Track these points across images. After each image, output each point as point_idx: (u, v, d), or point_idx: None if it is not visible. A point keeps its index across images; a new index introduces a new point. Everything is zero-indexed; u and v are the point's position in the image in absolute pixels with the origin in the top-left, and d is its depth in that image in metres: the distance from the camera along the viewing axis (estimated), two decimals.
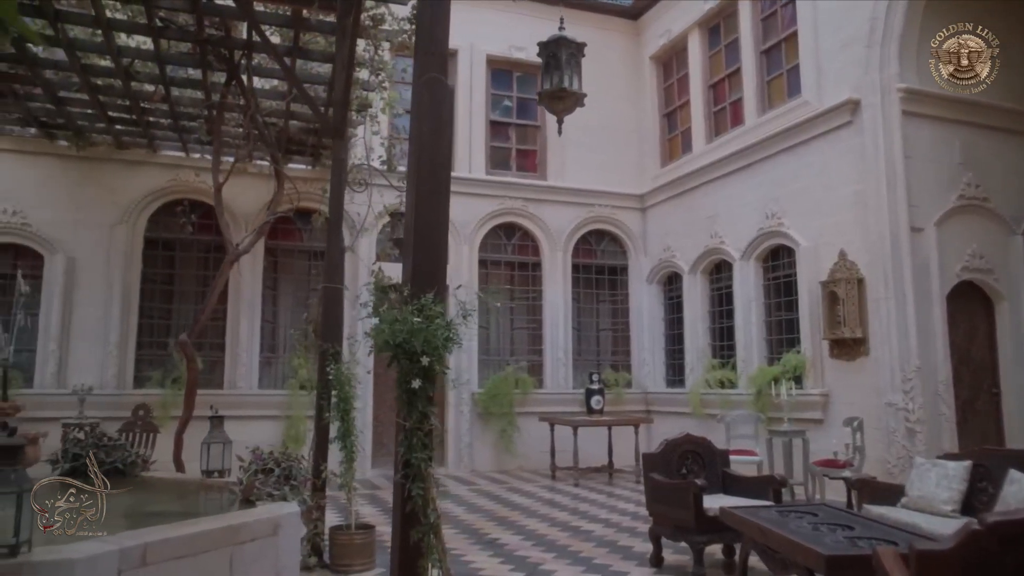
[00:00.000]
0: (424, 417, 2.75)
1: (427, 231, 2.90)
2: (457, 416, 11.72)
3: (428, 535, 2.72)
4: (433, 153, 2.90)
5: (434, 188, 2.91)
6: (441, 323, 2.73)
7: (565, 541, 6.85)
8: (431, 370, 2.76)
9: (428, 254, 2.93)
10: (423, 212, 2.90)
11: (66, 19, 6.92)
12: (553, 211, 12.74)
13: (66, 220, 10.22)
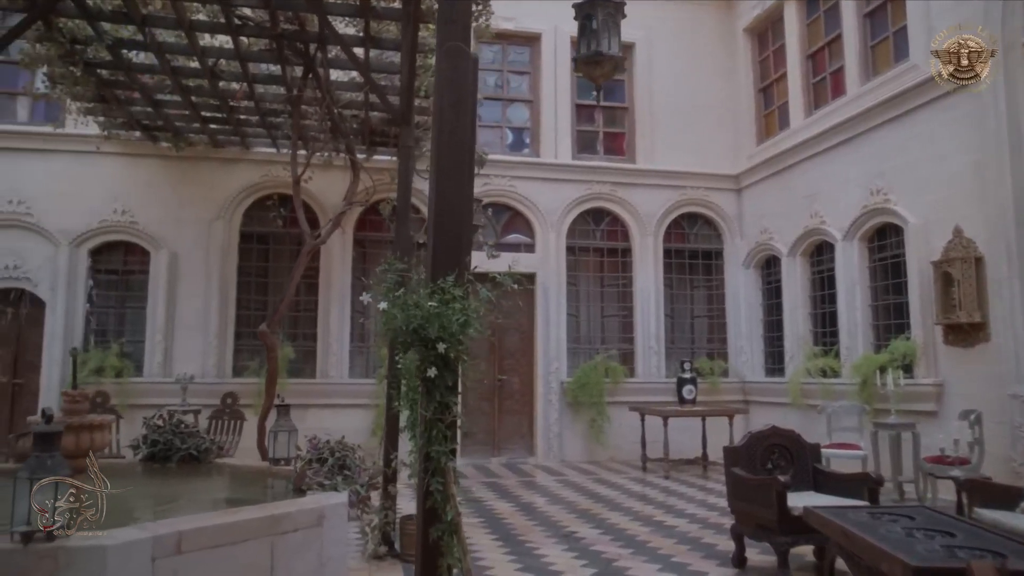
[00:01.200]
0: (444, 408, 2.60)
1: (448, 210, 2.74)
2: (546, 406, 11.57)
3: (448, 534, 2.57)
4: (454, 128, 2.74)
5: (455, 165, 2.75)
6: (458, 307, 2.56)
7: (645, 536, 6.57)
8: (449, 357, 2.59)
9: (449, 235, 2.77)
10: (443, 191, 2.74)
11: (152, 23, 7.20)
12: (643, 195, 12.32)
13: (168, 217, 10.75)
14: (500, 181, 11.88)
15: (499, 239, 11.95)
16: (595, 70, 2.93)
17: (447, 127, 2.75)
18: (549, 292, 11.79)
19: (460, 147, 2.75)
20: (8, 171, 10.34)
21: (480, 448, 11.54)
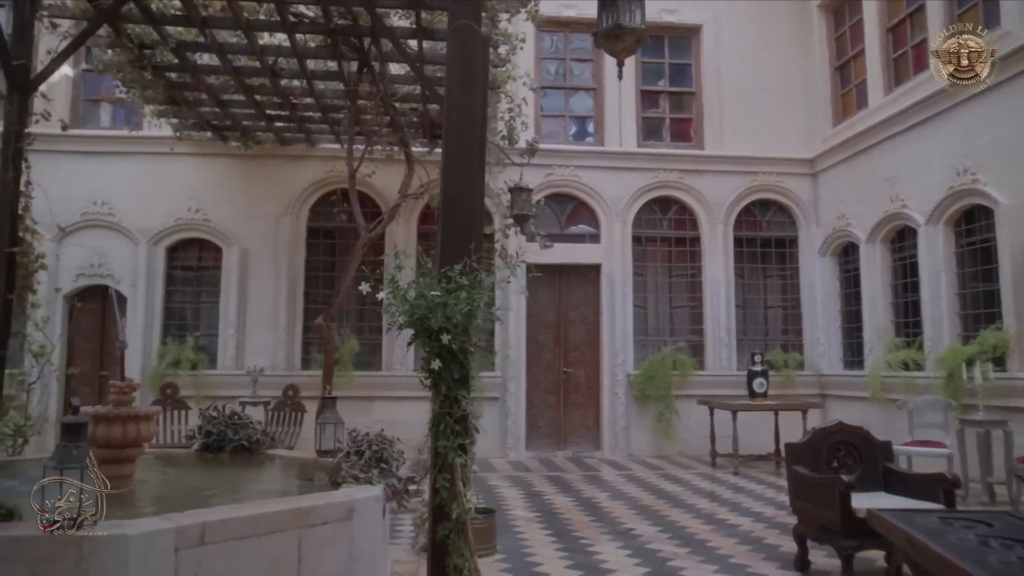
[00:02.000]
0: (452, 401, 2.49)
1: (457, 196, 2.64)
2: (612, 399, 11.36)
3: (454, 532, 2.47)
4: (463, 110, 2.63)
5: (464, 149, 2.63)
6: (463, 296, 2.44)
7: (705, 535, 6.33)
8: (456, 349, 2.49)
9: (458, 222, 2.66)
10: (452, 176, 2.64)
11: (212, 24, 7.37)
12: (712, 182, 11.91)
13: (239, 214, 11.07)
14: (563, 171, 11.71)
15: (563, 230, 11.82)
16: (616, 44, 2.75)
17: (455, 109, 2.65)
18: (615, 283, 11.55)
19: (469, 130, 2.64)
20: (93, 174, 10.86)
21: (546, 441, 11.44)
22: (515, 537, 6.29)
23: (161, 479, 4.65)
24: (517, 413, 11.21)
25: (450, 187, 2.64)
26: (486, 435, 11.06)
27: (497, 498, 8.04)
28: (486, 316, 2.62)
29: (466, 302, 2.40)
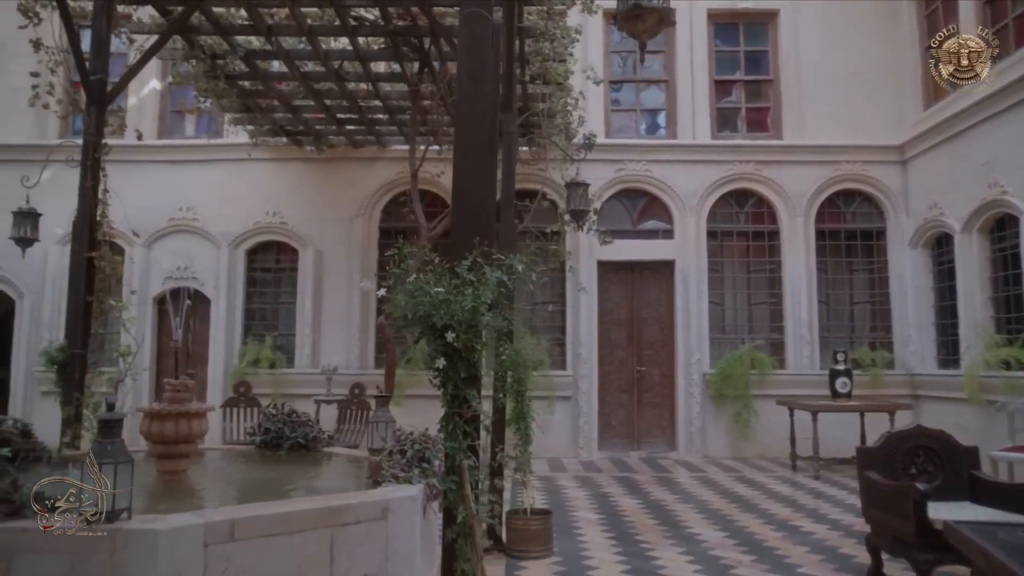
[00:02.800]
0: (461, 401, 2.41)
1: (467, 190, 2.56)
2: (687, 398, 11.04)
3: (461, 536, 2.39)
4: (474, 100, 2.54)
5: (475, 141, 2.55)
6: (468, 292, 2.35)
7: (775, 542, 6.03)
8: (463, 348, 2.40)
9: (469, 215, 2.58)
10: (463, 169, 2.56)
11: (278, 32, 7.57)
12: (791, 172, 11.39)
13: (314, 217, 11.36)
14: (635, 166, 11.47)
15: (635, 226, 11.58)
16: (637, 25, 2.60)
17: (466, 101, 2.57)
18: (689, 280, 11.21)
19: (479, 122, 2.56)
20: (179, 181, 11.39)
21: (619, 441, 11.23)
22: (575, 539, 6.17)
23: (214, 474, 4.78)
24: (589, 412, 11.05)
25: (461, 180, 2.58)
26: (557, 435, 10.99)
27: (563, 499, 7.93)
28: (501, 314, 2.52)
29: (471, 299, 2.32)
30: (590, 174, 11.31)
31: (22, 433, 4.72)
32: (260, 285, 11.66)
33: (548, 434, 11.01)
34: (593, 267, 11.30)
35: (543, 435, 10.94)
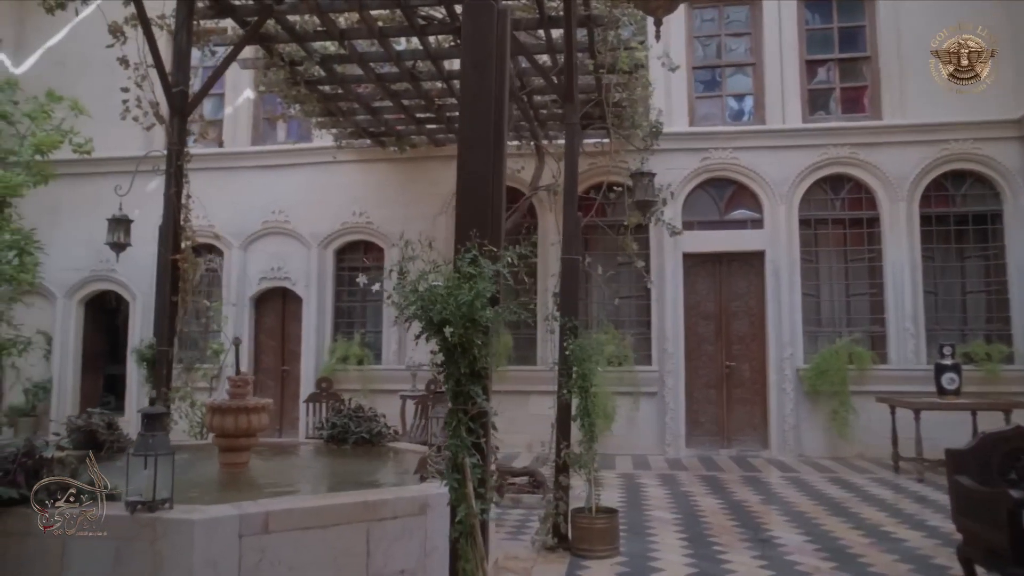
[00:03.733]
0: (465, 398, 2.36)
1: (472, 182, 2.50)
2: (779, 395, 10.55)
3: (463, 536, 2.33)
4: (477, 92, 2.48)
5: (479, 133, 2.49)
6: (466, 286, 2.29)
7: (862, 549, 5.65)
8: (462, 343, 2.34)
9: (474, 208, 2.52)
10: (467, 160, 2.50)
11: (350, 36, 7.75)
12: (892, 155, 10.67)
13: (398, 216, 11.58)
14: (720, 154, 11.06)
15: (722, 216, 11.18)
16: (650, 2, 2.45)
17: (469, 92, 2.52)
18: (780, 271, 10.71)
19: (483, 114, 2.49)
20: (272, 185, 11.90)
21: (708, 439, 10.87)
22: (645, 539, 6.01)
23: (273, 467, 4.94)
24: (676, 409, 10.76)
25: (465, 173, 2.52)
26: (643, 431, 10.78)
27: (641, 497, 7.75)
28: (508, 308, 2.45)
29: (468, 292, 2.26)
30: (674, 164, 11.04)
31: (107, 425, 5.04)
32: (349, 284, 12.01)
33: (633, 431, 10.85)
34: (678, 259, 10.99)
35: (628, 432, 10.84)
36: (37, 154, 8.39)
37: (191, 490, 4.41)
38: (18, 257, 7.87)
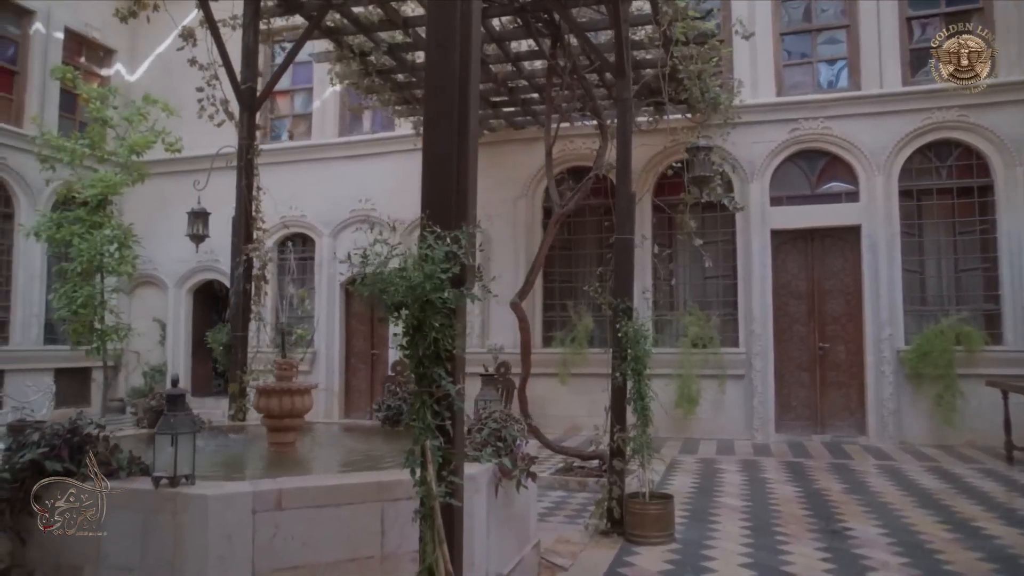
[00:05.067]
0: (428, 380, 2.34)
1: (435, 162, 2.47)
2: (877, 378, 9.92)
3: (425, 519, 2.33)
4: (441, 70, 2.43)
5: (442, 112, 2.44)
6: (417, 268, 2.26)
7: (942, 545, 5.25)
8: (419, 325, 2.32)
9: (437, 189, 2.49)
10: (431, 141, 2.47)
11: (413, 23, 7.85)
12: (1008, 115, 9.73)
13: (480, 199, 11.62)
14: (811, 124, 10.46)
15: (813, 190, 10.60)
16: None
17: (433, 69, 2.47)
18: (878, 246, 10.03)
19: (448, 93, 2.45)
20: (359, 175, 12.29)
21: (800, 424, 10.39)
22: (705, 526, 5.83)
23: (318, 447, 5.11)
24: (764, 392, 10.33)
25: (429, 152, 2.50)
26: (729, 416, 10.44)
27: (715, 483, 7.52)
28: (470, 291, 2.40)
29: (421, 273, 2.24)
30: (760, 137, 10.57)
31: None
32: None
33: (720, 415, 10.53)
34: (766, 237, 10.51)
35: (714, 416, 10.53)
36: (133, 154, 9.04)
37: (236, 467, 4.67)
38: (118, 251, 8.53)
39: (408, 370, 2.38)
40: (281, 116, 13.28)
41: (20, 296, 11.41)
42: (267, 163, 12.57)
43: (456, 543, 2.55)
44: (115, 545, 3.25)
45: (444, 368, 2.34)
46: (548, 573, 4.73)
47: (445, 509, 2.41)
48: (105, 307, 8.31)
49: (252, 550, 3.19)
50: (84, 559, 3.26)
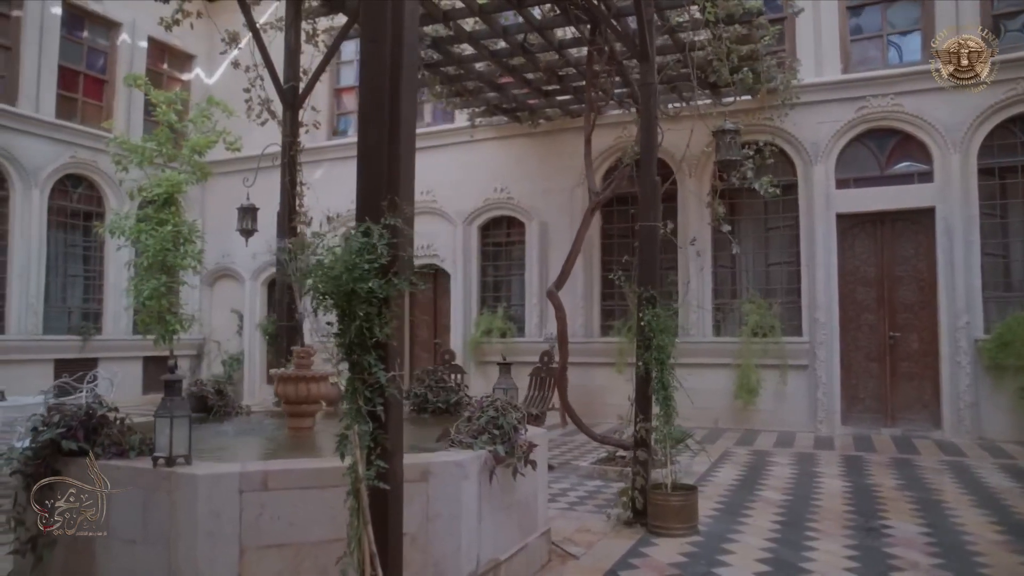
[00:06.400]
0: (361, 368, 2.39)
1: (367, 155, 2.50)
2: (953, 369, 9.35)
3: (352, 508, 2.39)
4: (374, 66, 2.46)
5: (375, 104, 2.48)
6: (338, 257, 2.31)
7: (987, 547, 4.93)
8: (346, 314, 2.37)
9: (370, 182, 2.53)
10: (363, 135, 2.51)
11: (453, 16, 7.94)
12: None
13: (536, 189, 11.71)
14: (880, 101, 9.92)
15: (883, 171, 10.07)
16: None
17: (365, 65, 2.52)
18: (954, 229, 9.43)
19: (378, 88, 2.49)
20: (420, 167, 12.30)
21: (869, 417, 9.93)
22: (736, 520, 5.69)
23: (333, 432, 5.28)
24: (829, 383, 9.93)
25: (362, 147, 2.55)
26: (792, 407, 10.10)
27: (761, 476, 7.31)
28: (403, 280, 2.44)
29: (340, 264, 2.29)
30: (824, 117, 10.15)
31: (217, 392, 5.70)
32: (493, 259, 12.37)
33: (782, 406, 10.20)
34: (831, 221, 10.07)
35: (776, 407, 10.20)
36: (195, 154, 9.57)
37: (247, 449, 4.89)
38: (183, 246, 9.09)
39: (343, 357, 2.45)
40: (346, 112, 13.67)
41: (111, 289, 12.31)
42: (333, 158, 13.13)
43: (392, 525, 2.62)
44: (121, 519, 3.50)
45: (374, 355, 2.41)
46: (559, 561, 4.75)
47: (378, 492, 2.48)
48: (171, 299, 8.87)
49: (239, 527, 3.37)
50: (96, 530, 3.52)
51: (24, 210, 11.20)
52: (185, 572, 3.32)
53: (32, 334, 11.10)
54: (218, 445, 4.62)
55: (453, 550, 3.73)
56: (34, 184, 11.32)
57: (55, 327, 11.63)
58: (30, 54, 11.37)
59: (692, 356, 10.67)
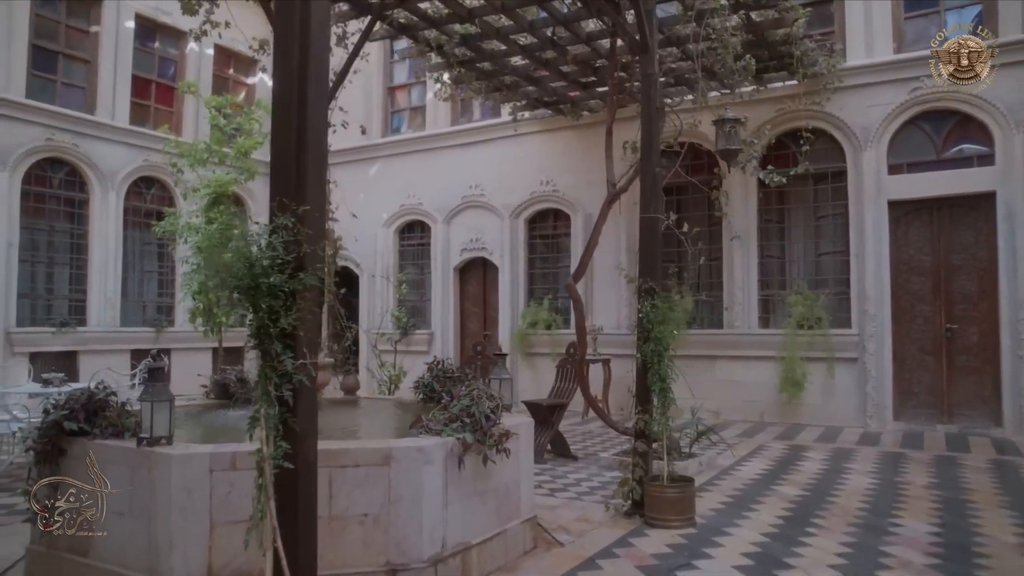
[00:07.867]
0: (271, 356, 2.56)
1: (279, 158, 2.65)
2: (1014, 363, 8.83)
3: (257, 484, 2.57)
4: (283, 72, 2.61)
5: (285, 112, 2.63)
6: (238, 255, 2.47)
7: (996, 550, 4.74)
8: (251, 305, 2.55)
9: (281, 182, 2.68)
10: (275, 137, 2.67)
11: (479, 13, 8.06)
12: None
13: (581, 182, 11.72)
14: (936, 81, 9.40)
15: (939, 155, 9.58)
16: None
17: (276, 72, 2.67)
18: (1016, 215, 8.89)
19: (287, 92, 2.64)
20: (469, 162, 12.74)
21: (923, 412, 9.49)
22: (739, 513, 5.63)
23: (342, 419, 5.54)
24: (879, 377, 9.55)
25: (274, 149, 2.71)
26: (840, 401, 9.80)
27: (786, 471, 7.15)
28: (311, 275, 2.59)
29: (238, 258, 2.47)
30: (875, 99, 9.74)
31: (238, 380, 6.06)
32: (540, 251, 12.46)
33: (830, 401, 9.90)
34: (882, 208, 9.66)
35: (823, 401, 9.91)
36: (243, 155, 10.07)
37: None
38: None
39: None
40: (399, 110, 14.03)
41: (179, 285, 13.10)
42: (387, 155, 13.53)
43: (303, 502, 2.79)
44: (113, 494, 3.84)
45: (280, 345, 2.59)
46: (544, 547, 4.85)
47: (286, 472, 2.66)
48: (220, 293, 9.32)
49: (210, 504, 3.64)
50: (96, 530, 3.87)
51: (102, 211, 12.08)
52: (161, 544, 3.62)
53: (110, 326, 11.98)
54: (234, 427, 4.92)
55: (415, 531, 3.89)
56: (111, 187, 12.18)
57: (132, 320, 12.49)
58: (106, 66, 12.22)
59: (737, 349, 10.55)
